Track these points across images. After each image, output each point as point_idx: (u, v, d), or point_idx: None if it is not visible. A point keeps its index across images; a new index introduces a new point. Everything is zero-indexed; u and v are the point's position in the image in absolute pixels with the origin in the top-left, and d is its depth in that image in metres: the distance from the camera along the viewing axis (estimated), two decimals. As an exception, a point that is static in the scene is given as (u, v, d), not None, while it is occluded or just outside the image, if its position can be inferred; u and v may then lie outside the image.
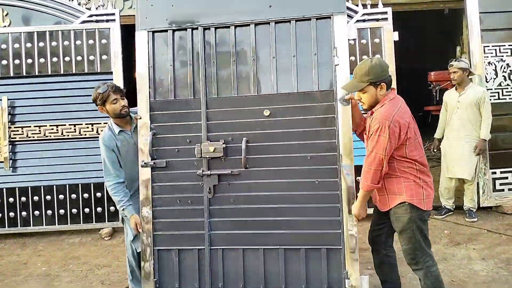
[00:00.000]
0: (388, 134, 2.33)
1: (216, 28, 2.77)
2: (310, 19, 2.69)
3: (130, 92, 2.98)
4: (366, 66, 2.41)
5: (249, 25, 2.73)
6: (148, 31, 2.84)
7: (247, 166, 2.64)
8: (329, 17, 2.66)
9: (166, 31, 2.83)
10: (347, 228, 2.60)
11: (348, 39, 2.66)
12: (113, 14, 4.67)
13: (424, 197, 2.44)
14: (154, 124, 2.79)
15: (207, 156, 2.68)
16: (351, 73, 2.56)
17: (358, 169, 2.57)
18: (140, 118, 2.77)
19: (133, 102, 2.85)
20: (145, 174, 2.78)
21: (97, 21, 4.67)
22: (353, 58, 4.53)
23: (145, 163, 2.76)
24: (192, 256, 2.79)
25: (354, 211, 2.53)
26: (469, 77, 4.53)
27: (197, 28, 2.78)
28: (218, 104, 2.74)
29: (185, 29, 2.80)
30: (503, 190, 4.76)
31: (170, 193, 2.78)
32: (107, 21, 4.67)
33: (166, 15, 2.82)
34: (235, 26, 2.74)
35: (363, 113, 2.76)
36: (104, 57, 4.65)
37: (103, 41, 4.65)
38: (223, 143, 2.67)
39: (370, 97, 2.45)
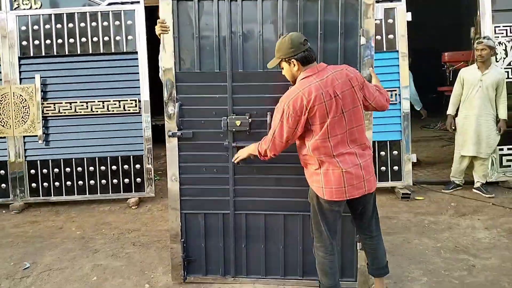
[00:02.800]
0: (281, 116, 2.37)
1: (243, 0, 2.85)
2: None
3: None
4: (278, 43, 2.45)
5: (277, -1, 2.80)
6: (173, 0, 2.87)
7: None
8: (357, -3, 2.76)
9: (192, 0, 2.87)
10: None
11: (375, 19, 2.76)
12: (138, -4, 4.91)
13: (323, 185, 2.42)
14: (180, 95, 2.94)
15: (233, 129, 2.90)
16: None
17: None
18: None
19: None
20: (172, 143, 3.00)
21: (122, 3, 4.91)
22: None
23: (172, 133, 2.96)
24: (217, 220, 3.07)
25: (238, 155, 2.75)
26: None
27: (223, 0, 2.86)
28: (244, 78, 2.90)
29: (211, 0, 2.88)
30: (509, 166, 4.97)
31: (196, 162, 3.02)
32: (132, 3, 4.91)
33: None
34: (263, 0, 2.83)
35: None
36: (129, 37, 4.91)
37: (129, 22, 4.90)
38: (249, 118, 2.86)
39: (287, 73, 2.48)
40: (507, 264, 3.25)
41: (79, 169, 4.99)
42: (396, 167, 4.92)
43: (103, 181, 5.01)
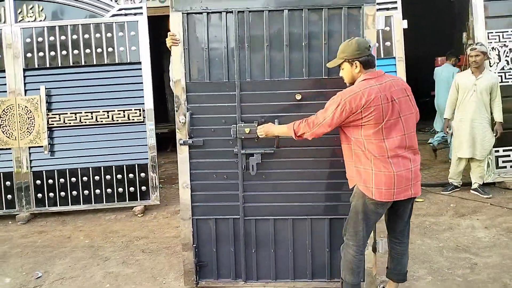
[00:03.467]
0: (336, 106, 2.43)
1: (250, 12, 2.98)
2: (341, 8, 2.91)
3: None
4: (343, 45, 2.56)
5: (282, 11, 2.94)
6: (183, 13, 2.98)
7: (278, 146, 2.98)
8: (360, 7, 2.89)
9: (201, 13, 2.98)
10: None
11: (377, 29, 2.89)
12: (141, 7, 5.01)
13: (377, 186, 2.44)
14: (190, 105, 3.05)
15: (242, 137, 3.00)
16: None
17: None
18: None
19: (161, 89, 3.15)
20: (183, 151, 3.09)
21: (126, 15, 5.02)
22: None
23: (183, 141, 3.06)
24: (228, 225, 3.15)
25: (261, 130, 2.81)
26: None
27: (231, 12, 2.98)
28: (251, 87, 3.02)
29: (220, 12, 3.00)
30: (505, 167, 5.12)
31: (206, 168, 3.11)
32: (135, 14, 5.02)
33: None
34: (269, 11, 2.95)
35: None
36: (133, 48, 5.01)
37: (132, 33, 5.00)
38: (257, 125, 2.95)
39: (346, 74, 2.58)
40: (507, 262, 3.37)
41: (85, 178, 5.05)
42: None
43: (109, 190, 5.08)
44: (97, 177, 5.06)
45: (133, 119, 5.03)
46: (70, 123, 5.02)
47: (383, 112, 2.39)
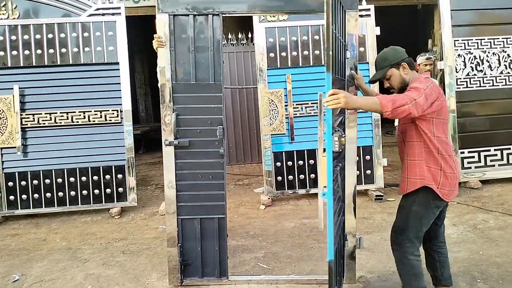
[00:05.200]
0: (424, 89, 2.31)
1: (236, 15, 3.05)
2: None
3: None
4: (382, 53, 2.59)
5: (267, 17, 3.04)
6: (169, 15, 3.00)
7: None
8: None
9: (187, 15, 3.02)
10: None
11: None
12: (119, 7, 4.98)
13: (446, 187, 2.41)
14: (177, 106, 3.08)
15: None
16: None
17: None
18: None
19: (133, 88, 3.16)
20: (169, 152, 3.12)
21: (103, 14, 4.97)
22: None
23: (169, 142, 3.09)
24: (213, 224, 3.20)
25: (338, 96, 2.15)
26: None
27: (218, 15, 3.04)
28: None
29: (206, 15, 3.05)
30: (470, 168, 5.41)
31: (192, 169, 3.15)
32: (113, 14, 4.98)
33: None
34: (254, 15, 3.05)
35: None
36: (110, 48, 4.97)
37: (110, 33, 4.97)
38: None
39: (396, 79, 2.53)
40: (475, 256, 3.57)
41: (59, 180, 4.95)
42: (369, 171, 5.25)
43: (84, 192, 5.00)
44: (72, 179, 4.98)
45: (110, 120, 4.99)
46: (44, 124, 4.91)
47: (447, 109, 2.44)
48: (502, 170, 5.47)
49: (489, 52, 5.41)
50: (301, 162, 5.26)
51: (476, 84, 5.37)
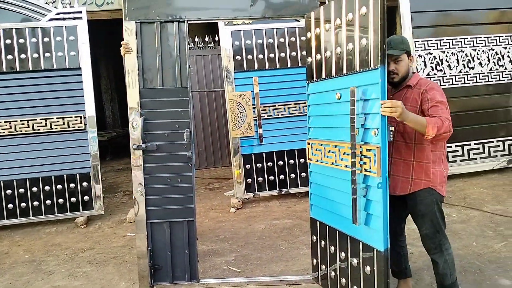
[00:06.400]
0: (446, 102, 2.41)
1: (201, 22, 3.10)
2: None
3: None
4: (400, 37, 2.54)
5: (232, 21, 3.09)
6: (136, 22, 3.06)
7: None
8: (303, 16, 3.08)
9: (154, 22, 3.08)
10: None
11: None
12: (80, 12, 4.87)
13: (444, 184, 2.51)
14: (144, 110, 3.09)
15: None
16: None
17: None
18: None
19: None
20: (137, 156, 3.11)
21: (64, 19, 4.84)
22: (294, 53, 5.21)
23: (137, 146, 3.08)
24: (182, 227, 3.18)
25: (397, 105, 2.18)
26: None
27: (183, 22, 3.09)
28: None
29: (172, 22, 3.09)
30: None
31: (160, 172, 3.13)
32: (74, 18, 4.86)
33: (153, 7, 3.06)
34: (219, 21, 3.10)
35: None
36: (72, 53, 4.84)
37: (71, 37, 4.84)
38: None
39: (405, 66, 2.51)
40: (439, 249, 3.70)
41: (21, 190, 4.77)
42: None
43: (48, 202, 4.84)
44: (35, 188, 4.80)
45: (74, 127, 4.85)
46: (4, 132, 4.72)
47: None
48: (464, 166, 5.68)
49: (448, 52, 5.62)
50: (270, 164, 5.28)
51: (436, 83, 5.55)
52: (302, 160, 5.28)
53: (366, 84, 2.40)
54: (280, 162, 5.30)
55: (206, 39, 7.56)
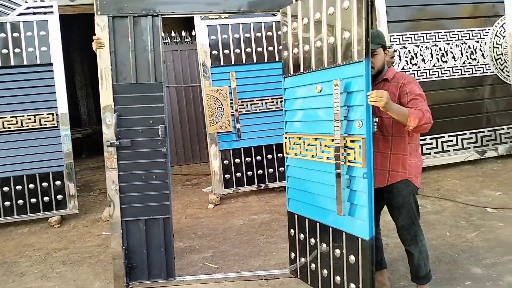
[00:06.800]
0: (423, 95, 2.45)
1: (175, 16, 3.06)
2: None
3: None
4: (376, 31, 2.53)
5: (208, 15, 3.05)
6: (108, 16, 3.00)
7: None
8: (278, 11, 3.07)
9: (126, 17, 3.01)
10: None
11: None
12: (51, 6, 4.73)
13: (419, 176, 2.56)
14: (118, 106, 3.02)
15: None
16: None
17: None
18: None
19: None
20: (110, 153, 3.04)
21: (34, 13, 4.70)
22: (271, 48, 5.20)
23: (110, 143, 3.01)
24: (158, 225, 3.13)
25: (382, 95, 2.19)
26: None
27: (157, 16, 3.03)
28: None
29: (146, 16, 3.03)
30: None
31: (135, 169, 3.08)
32: (45, 13, 4.72)
33: (126, 1, 3.00)
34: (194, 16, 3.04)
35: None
36: (43, 48, 4.70)
37: (42, 32, 4.70)
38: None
39: (380, 59, 2.53)
40: (415, 240, 3.76)
41: (-8, 190, 4.63)
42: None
43: (20, 202, 4.71)
44: (6, 188, 4.67)
45: (46, 124, 4.72)
46: (-28, 131, 4.57)
47: None
48: (438, 158, 5.79)
49: (422, 46, 5.70)
50: (248, 159, 5.27)
51: (412, 77, 5.62)
52: (280, 154, 5.28)
53: (349, 76, 2.42)
54: (258, 157, 5.29)
55: (183, 34, 7.47)
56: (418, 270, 2.61)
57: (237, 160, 5.24)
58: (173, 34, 7.49)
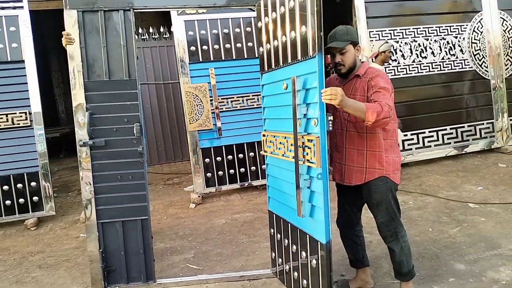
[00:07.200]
0: (391, 90, 2.39)
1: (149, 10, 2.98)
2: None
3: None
4: (344, 28, 2.47)
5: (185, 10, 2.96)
6: (78, 11, 2.88)
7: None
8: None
9: (97, 11, 2.90)
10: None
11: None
12: (21, 1, 4.54)
13: (398, 172, 2.52)
14: (90, 104, 2.91)
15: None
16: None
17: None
18: None
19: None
20: (84, 153, 2.93)
21: (3, 8, 4.51)
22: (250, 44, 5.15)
23: (83, 142, 2.89)
24: (136, 226, 3.04)
25: (336, 92, 2.13)
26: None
27: (129, 10, 2.92)
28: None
29: (117, 10, 2.91)
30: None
31: (110, 170, 2.97)
32: (14, 8, 4.54)
33: None
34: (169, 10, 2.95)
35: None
36: (14, 45, 4.53)
37: (12, 28, 4.52)
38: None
39: (351, 57, 2.46)
40: (397, 236, 3.75)
41: (-37, 193, 4.45)
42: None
43: (-6, 204, 4.54)
44: (-22, 191, 4.49)
45: (19, 124, 4.55)
46: None
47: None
48: (419, 153, 5.81)
49: (401, 42, 5.70)
50: (230, 157, 5.19)
51: (391, 73, 5.63)
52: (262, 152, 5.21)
53: (306, 73, 2.36)
54: (240, 155, 5.22)
55: (161, 29, 7.33)
56: (400, 266, 2.59)
57: (218, 158, 5.16)
58: (151, 30, 7.34)
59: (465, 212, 4.04)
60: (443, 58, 5.90)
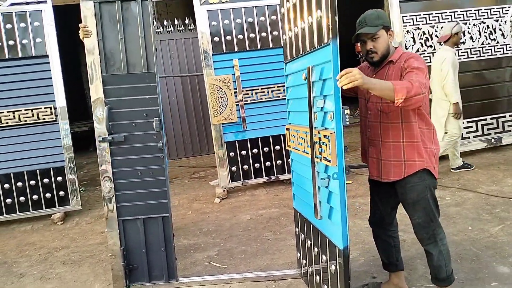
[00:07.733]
0: (426, 71, 2.18)
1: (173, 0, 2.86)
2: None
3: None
4: (375, 11, 2.28)
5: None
6: (94, 2, 2.79)
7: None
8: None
9: (114, 2, 2.81)
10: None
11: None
12: (44, -5, 4.53)
13: (436, 165, 2.34)
14: (109, 99, 2.83)
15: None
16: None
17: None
18: None
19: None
20: (103, 148, 2.86)
21: (27, 3, 4.50)
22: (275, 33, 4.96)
23: (102, 138, 2.83)
24: (157, 224, 2.95)
25: (353, 73, 1.91)
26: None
27: (147, 0, 2.82)
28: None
29: (135, 0, 2.81)
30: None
31: (130, 166, 2.89)
32: (38, 2, 4.52)
33: None
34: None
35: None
36: (38, 40, 4.52)
37: (36, 23, 4.51)
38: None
39: (384, 43, 2.26)
40: (433, 235, 3.51)
41: (-8, 188, 4.50)
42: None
43: (22, 198, 4.58)
44: (6, 185, 4.54)
45: (44, 118, 4.56)
46: (-31, 127, 4.43)
47: None
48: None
49: (437, 27, 5.36)
50: (255, 151, 5.05)
51: (427, 60, 5.31)
52: (288, 145, 5.04)
53: (322, 62, 2.14)
54: (266, 148, 5.06)
55: (186, 21, 7.22)
56: (438, 271, 2.37)
57: (243, 152, 5.03)
58: (176, 22, 7.25)
59: (508, 208, 3.74)
60: (482, 43, 5.51)
